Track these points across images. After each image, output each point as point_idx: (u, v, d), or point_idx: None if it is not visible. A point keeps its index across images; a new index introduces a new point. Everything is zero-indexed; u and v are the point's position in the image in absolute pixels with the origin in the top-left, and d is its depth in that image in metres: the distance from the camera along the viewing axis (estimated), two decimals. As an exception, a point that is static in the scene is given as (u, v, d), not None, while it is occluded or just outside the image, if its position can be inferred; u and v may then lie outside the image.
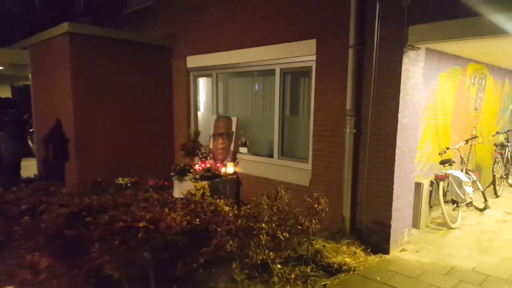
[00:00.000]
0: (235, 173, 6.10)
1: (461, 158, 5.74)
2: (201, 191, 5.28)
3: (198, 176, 5.71)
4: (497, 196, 6.39)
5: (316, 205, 3.72)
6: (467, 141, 5.89)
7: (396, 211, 4.16)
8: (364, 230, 4.33)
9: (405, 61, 3.97)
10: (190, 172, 6.06)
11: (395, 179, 4.07)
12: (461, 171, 5.55)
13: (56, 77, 6.50)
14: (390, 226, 4.13)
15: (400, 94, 3.97)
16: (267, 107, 5.88)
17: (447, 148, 5.55)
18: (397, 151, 4.04)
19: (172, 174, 6.09)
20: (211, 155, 6.50)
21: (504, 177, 6.76)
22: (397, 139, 4.01)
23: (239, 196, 6.10)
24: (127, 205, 3.45)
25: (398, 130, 4.00)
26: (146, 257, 3.07)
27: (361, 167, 4.33)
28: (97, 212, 3.42)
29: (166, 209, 3.24)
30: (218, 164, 6.11)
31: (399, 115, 3.99)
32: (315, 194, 3.86)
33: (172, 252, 3.21)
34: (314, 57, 4.74)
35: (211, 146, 6.55)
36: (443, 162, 5.32)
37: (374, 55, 4.09)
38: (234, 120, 6.24)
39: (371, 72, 4.12)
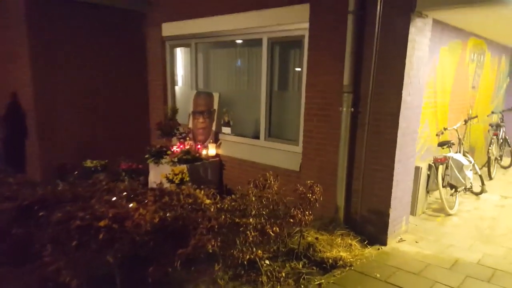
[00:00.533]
0: (217, 155, 5.60)
1: (459, 139, 5.42)
2: (180, 176, 4.77)
3: (176, 159, 5.19)
4: (491, 179, 6.18)
5: (310, 195, 3.28)
6: (466, 121, 5.56)
7: (395, 199, 3.79)
8: (360, 220, 3.97)
9: (412, 30, 3.49)
10: (167, 155, 5.51)
11: (395, 165, 3.68)
12: (459, 153, 5.23)
13: (10, 44, 5.70)
14: (388, 215, 3.77)
15: (406, 68, 3.51)
16: (253, 82, 5.35)
17: (445, 129, 5.19)
18: (399, 133, 3.62)
19: (147, 156, 5.53)
20: (190, 135, 5.95)
21: (498, 158, 6.55)
22: (399, 120, 3.59)
23: (222, 180, 5.64)
24: (87, 198, 2.91)
25: (401, 109, 3.57)
26: (110, 261, 2.58)
27: (358, 151, 3.91)
28: (51, 206, 2.89)
29: (134, 204, 2.73)
30: (199, 146, 5.58)
31: (403, 92, 3.55)
32: (308, 182, 3.42)
33: (143, 253, 2.73)
34: (307, 25, 4.19)
35: (190, 126, 5.99)
36: (441, 144, 4.98)
37: (377, 22, 3.59)
38: (216, 96, 5.67)
39: (373, 43, 3.63)
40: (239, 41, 5.40)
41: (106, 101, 6.13)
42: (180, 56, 6.51)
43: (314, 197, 3.31)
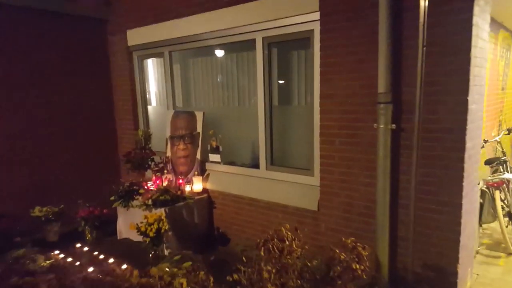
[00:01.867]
0: (205, 190, 4.43)
1: (503, 153, 4.44)
2: (155, 225, 3.57)
3: (150, 202, 3.97)
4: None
5: (356, 265, 2.16)
6: (509, 130, 4.59)
7: (463, 249, 2.71)
8: (412, 279, 2.86)
9: (476, 10, 2.48)
10: (140, 194, 4.30)
11: (463, 200, 2.61)
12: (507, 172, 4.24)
13: None
14: (456, 273, 2.68)
15: (471, 64, 2.48)
16: (246, 95, 4.27)
17: (486, 141, 4.21)
18: (466, 156, 2.56)
19: (113, 198, 4.29)
20: (169, 166, 4.76)
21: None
22: (466, 137, 2.54)
23: (212, 222, 4.45)
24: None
25: (468, 122, 2.52)
26: None
27: (403, 183, 2.83)
28: None
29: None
30: (180, 180, 4.39)
31: (468, 98, 2.51)
32: (349, 241, 2.29)
33: None
34: (316, 15, 3.16)
35: (168, 154, 4.81)
36: (489, 162, 3.98)
37: (423, 3, 2.57)
38: (199, 116, 4.53)
39: (418, 32, 2.60)
40: (225, 46, 4.31)
41: (63, 126, 4.89)
42: (152, 68, 5.38)
43: (361, 267, 2.17)
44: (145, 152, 4.59)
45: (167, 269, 3.04)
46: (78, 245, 4.16)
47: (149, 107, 5.40)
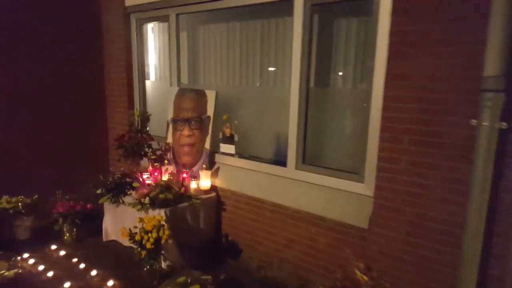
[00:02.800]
0: (213, 188, 3.60)
1: None
2: (154, 234, 2.74)
3: (147, 200, 3.14)
4: None
5: None
6: None
7: None
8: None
9: None
10: (133, 188, 3.47)
11: None
12: None
13: None
14: None
15: None
16: (275, 73, 3.39)
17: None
18: None
19: (99, 192, 3.45)
20: (170, 155, 3.92)
21: None
22: None
23: (220, 228, 3.66)
24: None
25: None
26: None
27: (504, 204, 2.05)
28: None
29: None
30: (184, 175, 3.55)
31: None
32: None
33: None
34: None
35: (169, 140, 3.96)
36: None
37: None
38: (211, 96, 3.68)
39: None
40: (249, 8, 3.42)
41: (39, 104, 4.01)
42: (153, 35, 4.47)
43: None
44: (142, 136, 3.72)
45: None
46: (53, 246, 3.34)
47: (147, 82, 4.51)
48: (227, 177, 3.58)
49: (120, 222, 3.49)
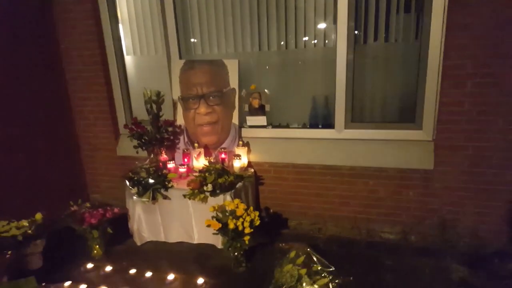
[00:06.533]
0: (248, 165, 3.54)
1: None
2: (247, 217, 2.63)
3: (209, 187, 2.92)
4: None
5: None
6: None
7: None
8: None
9: None
10: (168, 180, 3.16)
11: None
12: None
13: None
14: None
15: None
16: (312, 32, 3.36)
17: None
18: None
19: (135, 191, 3.04)
20: (183, 138, 3.64)
21: None
22: None
23: (259, 203, 3.64)
24: None
25: None
26: None
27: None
28: None
29: None
30: (223, 154, 3.38)
31: None
32: None
33: None
34: None
35: (180, 122, 3.66)
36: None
37: None
38: (232, 66, 3.50)
39: None
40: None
41: None
42: None
43: None
44: (166, 121, 3.35)
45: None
46: (90, 265, 2.88)
47: (126, 58, 3.96)
48: (262, 151, 3.54)
49: (163, 219, 3.18)
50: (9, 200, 3.18)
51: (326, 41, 3.29)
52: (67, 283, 2.55)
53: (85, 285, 2.56)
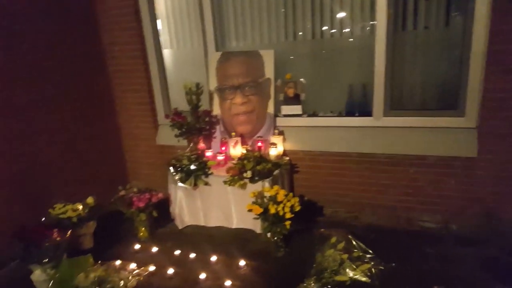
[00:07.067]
0: (283, 153, 3.60)
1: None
2: (287, 203, 2.70)
3: (249, 174, 3.02)
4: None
5: None
6: None
7: None
8: None
9: None
10: (208, 167, 3.28)
11: None
12: None
13: None
14: None
15: None
16: (352, 18, 3.35)
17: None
18: None
19: (179, 177, 3.19)
20: (219, 127, 3.75)
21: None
22: None
23: (293, 190, 3.70)
24: None
25: None
26: None
27: None
28: None
29: None
30: (260, 143, 3.46)
31: None
32: None
33: None
34: None
35: (216, 112, 3.76)
36: None
37: None
38: (268, 56, 3.56)
39: None
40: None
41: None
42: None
43: None
44: (205, 111, 3.48)
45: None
46: (137, 246, 3.04)
47: (164, 52, 4.10)
48: (297, 139, 3.59)
49: (203, 204, 3.31)
50: (61, 186, 3.41)
51: (364, 29, 3.28)
52: (118, 262, 2.72)
53: (135, 264, 2.71)
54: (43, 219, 2.85)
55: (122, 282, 2.40)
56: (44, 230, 2.57)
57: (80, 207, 2.94)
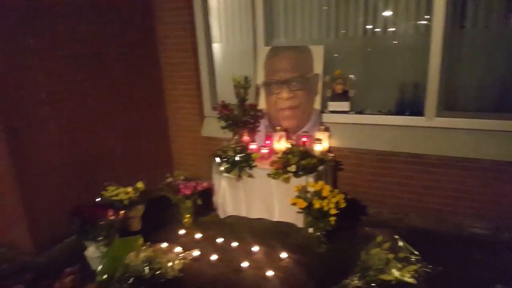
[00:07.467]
0: (328, 149, 3.58)
1: None
2: (332, 199, 2.70)
3: (293, 168, 3.05)
4: None
5: None
6: None
7: None
8: None
9: None
10: (252, 160, 3.34)
11: None
12: None
13: None
14: None
15: None
16: (406, 15, 3.27)
17: None
18: None
19: (225, 167, 3.27)
20: (264, 121, 3.79)
21: None
22: None
23: (336, 187, 3.66)
24: None
25: None
26: None
27: None
28: None
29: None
30: (304, 138, 3.47)
31: None
32: None
33: None
34: None
35: (261, 106, 3.81)
36: None
37: None
38: (317, 52, 3.55)
39: None
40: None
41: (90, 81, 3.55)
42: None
43: None
44: (251, 104, 3.55)
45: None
46: (182, 231, 3.15)
47: (214, 46, 4.20)
48: (343, 136, 3.56)
49: (246, 195, 3.38)
50: (113, 171, 3.61)
51: (418, 27, 3.19)
52: (164, 244, 2.85)
53: (180, 248, 2.83)
54: (98, 199, 3.03)
55: (170, 263, 2.51)
56: (99, 210, 2.74)
57: (131, 190, 3.10)
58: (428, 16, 3.09)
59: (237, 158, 3.22)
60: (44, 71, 2.98)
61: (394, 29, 3.30)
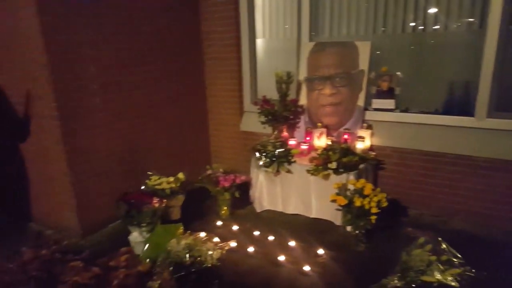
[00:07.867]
0: (369, 148, 3.51)
1: None
2: (374, 197, 2.66)
3: (334, 165, 3.03)
4: None
5: None
6: None
7: None
8: None
9: None
10: (291, 155, 3.35)
11: None
12: None
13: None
14: None
15: None
16: (459, 13, 3.15)
17: None
18: None
19: (264, 161, 3.32)
20: (304, 117, 3.78)
21: None
22: None
23: (376, 186, 3.58)
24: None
25: None
26: None
27: None
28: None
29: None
30: (346, 135, 3.44)
31: None
32: None
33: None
34: None
35: (303, 102, 3.80)
36: None
37: None
38: (363, 48, 3.50)
39: None
40: None
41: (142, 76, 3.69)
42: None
43: None
44: (292, 100, 3.56)
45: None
46: (219, 222, 3.22)
47: (257, 41, 4.24)
48: (386, 134, 3.48)
49: (283, 190, 3.40)
50: (155, 161, 3.75)
51: (471, 25, 3.05)
52: (202, 234, 2.93)
53: (217, 238, 2.90)
54: (143, 187, 3.18)
55: (209, 252, 2.59)
56: (145, 197, 2.87)
57: (173, 180, 3.22)
58: (481, 14, 2.94)
59: (276, 153, 3.24)
60: (96, 64, 3.15)
61: (444, 26, 3.18)
